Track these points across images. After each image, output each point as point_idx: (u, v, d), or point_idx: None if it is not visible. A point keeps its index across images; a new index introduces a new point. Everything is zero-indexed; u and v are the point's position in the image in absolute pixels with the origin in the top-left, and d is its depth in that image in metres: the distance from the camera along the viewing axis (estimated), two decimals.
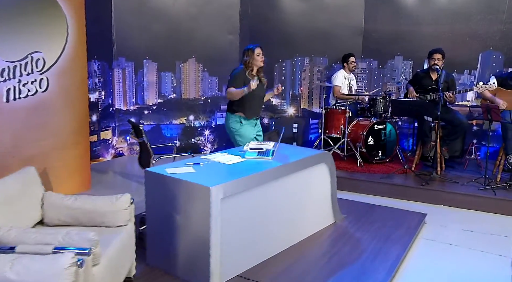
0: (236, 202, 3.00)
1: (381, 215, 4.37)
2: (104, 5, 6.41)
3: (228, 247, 2.95)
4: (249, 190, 3.11)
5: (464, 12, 6.46)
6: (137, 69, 6.79)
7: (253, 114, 4.45)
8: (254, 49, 4.32)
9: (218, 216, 2.82)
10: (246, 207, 3.11)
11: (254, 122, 4.50)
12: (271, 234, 3.37)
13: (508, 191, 4.87)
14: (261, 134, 4.62)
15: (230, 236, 2.98)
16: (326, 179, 3.92)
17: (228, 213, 2.94)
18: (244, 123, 4.38)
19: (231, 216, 2.97)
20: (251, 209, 3.16)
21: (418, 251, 3.79)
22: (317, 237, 3.80)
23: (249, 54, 4.31)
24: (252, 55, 4.31)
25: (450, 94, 5.30)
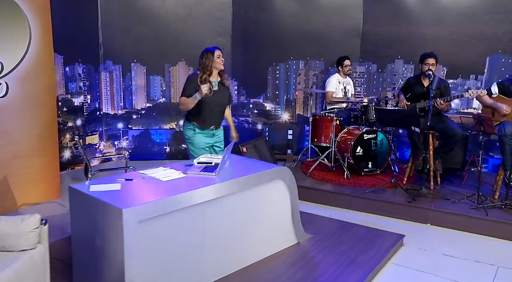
0: (163, 224, 2.73)
1: (354, 235, 4.00)
2: (90, 7, 6.25)
3: (152, 273, 2.68)
4: (182, 211, 2.82)
5: (470, 12, 5.96)
6: (124, 73, 6.62)
7: (209, 124, 4.13)
8: (214, 52, 4.02)
9: (135, 240, 2.55)
10: (176, 229, 2.83)
11: (211, 132, 4.18)
12: (210, 257, 3.07)
13: (503, 211, 4.39)
14: (220, 145, 4.28)
15: (154, 262, 2.70)
16: (284, 196, 3.58)
17: (152, 236, 2.67)
18: (198, 131, 4.09)
19: (155, 239, 2.70)
20: (184, 231, 2.88)
21: (383, 279, 3.41)
22: (271, 260, 3.47)
23: (209, 57, 4.01)
24: (212, 57, 4.01)
25: (441, 101, 4.84)
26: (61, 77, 5.97)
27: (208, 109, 4.04)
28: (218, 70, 4.08)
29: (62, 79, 5.99)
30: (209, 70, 4.00)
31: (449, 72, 6.16)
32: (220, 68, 4.06)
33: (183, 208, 2.84)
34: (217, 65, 4.03)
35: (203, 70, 3.99)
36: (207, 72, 3.99)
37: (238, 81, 6.91)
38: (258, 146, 5.97)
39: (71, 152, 6.17)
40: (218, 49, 4.07)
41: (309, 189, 5.15)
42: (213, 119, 4.13)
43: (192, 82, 3.99)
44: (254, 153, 5.80)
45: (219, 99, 4.10)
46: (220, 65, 4.05)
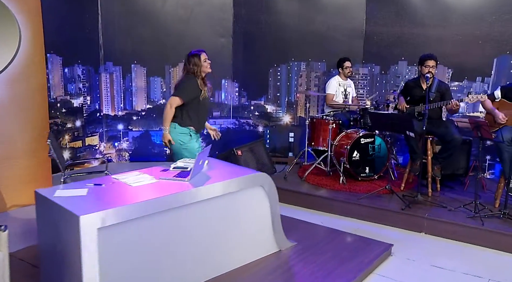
0: (129, 230, 2.67)
1: (340, 243, 3.87)
2: (91, 9, 6.26)
3: (112, 276, 2.62)
4: (150, 217, 2.76)
5: (476, 11, 5.73)
6: (125, 74, 6.61)
7: (201, 128, 4.12)
8: (200, 55, 3.95)
9: (94, 248, 2.49)
10: (144, 236, 2.77)
11: (199, 136, 4.15)
12: (183, 265, 3.00)
13: (502, 221, 4.18)
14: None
15: (119, 270, 2.64)
16: (264, 204, 3.48)
17: (116, 244, 2.61)
18: (193, 136, 4.03)
19: (120, 246, 2.64)
20: (153, 238, 2.81)
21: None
22: (248, 268, 3.37)
23: (196, 62, 3.94)
24: (199, 62, 3.93)
25: (457, 102, 4.62)
26: (60, 78, 6.00)
27: (202, 113, 4.04)
28: (205, 74, 4.00)
29: (61, 80, 6.02)
30: (199, 75, 3.94)
31: (455, 74, 5.95)
32: (207, 71, 4.00)
33: (151, 215, 2.77)
34: (205, 69, 3.97)
35: (196, 75, 3.92)
36: (200, 76, 3.93)
37: (239, 83, 6.83)
38: (255, 149, 5.87)
39: (70, 153, 6.20)
40: (204, 52, 3.99)
41: (302, 194, 5.04)
42: (203, 122, 4.15)
43: (195, 85, 3.93)
44: (250, 156, 5.72)
45: (207, 102, 4.11)
46: (207, 68, 3.98)
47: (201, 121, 4.08)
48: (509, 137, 4.28)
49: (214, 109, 6.88)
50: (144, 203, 2.71)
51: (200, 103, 3.94)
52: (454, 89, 5.96)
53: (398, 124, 4.47)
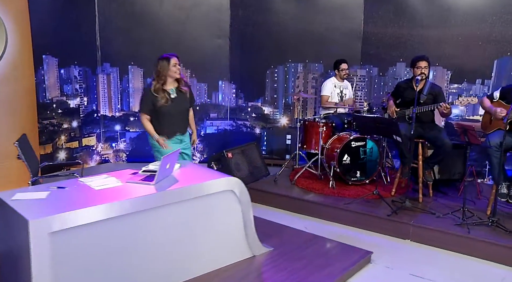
0: (86, 235, 2.64)
1: (318, 250, 3.78)
2: (88, 11, 6.31)
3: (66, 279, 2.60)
4: (109, 221, 2.73)
5: (477, 12, 5.55)
6: (122, 75, 6.63)
7: (173, 133, 4.05)
8: (170, 59, 3.90)
9: (45, 253, 2.48)
10: (103, 241, 2.74)
11: (178, 139, 4.08)
12: (143, 270, 2.96)
13: (490, 229, 4.02)
14: (188, 152, 4.18)
15: (73, 276, 2.62)
16: (235, 208, 3.41)
17: (70, 249, 2.59)
18: (166, 141, 3.99)
19: (76, 251, 2.61)
20: (113, 243, 2.79)
21: None
22: (217, 274, 3.31)
23: (164, 65, 3.90)
24: (167, 66, 3.89)
25: (446, 105, 4.48)
26: (56, 79, 6.06)
27: (170, 118, 3.96)
28: (174, 78, 3.95)
29: (57, 81, 6.08)
30: (162, 79, 3.89)
31: (454, 76, 5.78)
32: (175, 76, 3.94)
33: (112, 218, 2.75)
34: (172, 73, 3.91)
35: (157, 78, 3.89)
36: (160, 81, 3.88)
37: (236, 84, 6.78)
38: (247, 151, 5.80)
39: (66, 154, 6.26)
40: (175, 56, 3.95)
41: (289, 198, 4.96)
42: (175, 126, 4.06)
43: (147, 97, 3.90)
44: (242, 159, 5.65)
45: (178, 107, 4.01)
46: (175, 74, 3.92)
47: (172, 126, 4.01)
48: (496, 142, 4.11)
49: (211, 110, 6.85)
50: (99, 207, 2.68)
51: (160, 110, 3.88)
52: (453, 92, 5.80)
53: (384, 128, 4.35)
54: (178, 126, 4.06)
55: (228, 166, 5.43)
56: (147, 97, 3.90)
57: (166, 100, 3.84)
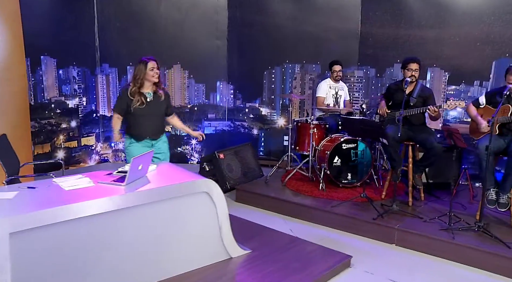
0: (50, 235, 2.66)
1: (297, 253, 3.74)
2: (87, 12, 6.39)
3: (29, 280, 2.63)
4: (76, 221, 2.75)
5: (475, 12, 5.44)
6: (121, 76, 6.70)
7: (144, 136, 3.99)
8: (147, 63, 3.89)
9: (6, 253, 2.50)
10: (69, 241, 2.76)
11: (149, 143, 4.05)
12: (112, 271, 2.97)
13: (476, 235, 3.92)
14: (160, 157, 4.10)
15: (36, 277, 2.64)
16: (210, 210, 3.41)
17: (34, 249, 2.61)
18: (133, 142, 3.99)
19: (39, 252, 2.64)
20: (80, 243, 2.80)
21: None
22: (189, 276, 3.30)
23: (141, 68, 3.87)
24: (144, 69, 3.87)
25: (435, 109, 4.40)
26: (54, 80, 6.15)
27: (142, 121, 3.92)
28: (151, 82, 3.94)
29: (56, 81, 6.17)
30: (139, 83, 3.87)
31: (452, 78, 5.67)
32: (152, 80, 3.89)
33: (79, 219, 2.77)
34: (149, 77, 3.87)
35: (134, 81, 3.87)
36: (137, 84, 3.86)
37: (234, 85, 6.78)
38: (240, 152, 5.80)
39: (65, 153, 6.35)
40: (153, 60, 3.92)
41: (278, 200, 4.94)
42: (147, 130, 3.98)
43: (122, 98, 3.89)
44: (234, 160, 5.66)
45: (153, 111, 3.94)
46: (153, 78, 3.87)
47: (143, 129, 3.96)
48: (485, 146, 4.01)
49: (209, 111, 6.87)
50: (64, 207, 2.70)
51: (136, 111, 3.87)
52: (451, 93, 5.69)
53: (370, 130, 4.29)
54: (150, 130, 3.99)
55: (219, 167, 5.44)
56: (122, 98, 3.88)
57: (141, 103, 3.83)
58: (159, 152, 4.09)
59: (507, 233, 3.99)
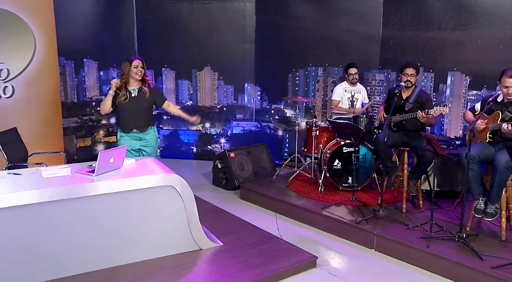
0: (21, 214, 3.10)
1: (265, 249, 3.89)
2: (127, 19, 6.97)
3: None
4: (45, 205, 3.16)
5: (497, 13, 5.15)
6: (156, 77, 7.21)
7: (130, 128, 4.31)
8: (132, 61, 4.23)
9: None
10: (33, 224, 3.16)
11: (136, 135, 4.37)
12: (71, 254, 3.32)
13: (454, 245, 3.79)
14: (148, 150, 4.39)
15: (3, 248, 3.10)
16: (177, 203, 3.67)
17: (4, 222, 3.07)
18: (123, 135, 4.34)
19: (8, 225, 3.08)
20: (43, 227, 3.19)
21: None
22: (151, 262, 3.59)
23: (126, 66, 4.22)
24: (129, 67, 4.22)
25: (423, 114, 4.31)
26: (96, 80, 6.81)
27: (127, 114, 4.26)
28: (136, 79, 4.27)
29: (97, 82, 6.82)
30: (124, 79, 4.22)
31: (472, 82, 5.41)
32: (136, 78, 4.22)
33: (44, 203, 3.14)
34: (133, 74, 4.21)
35: (120, 77, 4.23)
36: (123, 80, 4.22)
37: (261, 87, 6.99)
38: (254, 152, 6.02)
39: (104, 147, 6.99)
40: (139, 59, 4.26)
41: (272, 199, 5.09)
42: (133, 123, 4.30)
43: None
44: (246, 159, 5.89)
45: (137, 105, 4.26)
46: (136, 75, 4.20)
47: (129, 121, 4.29)
48: (472, 154, 3.84)
49: (237, 111, 7.14)
50: (30, 191, 3.12)
51: (120, 105, 4.22)
52: (471, 99, 5.43)
53: (353, 133, 4.30)
54: (135, 123, 4.30)
55: (229, 165, 5.70)
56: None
57: (125, 98, 4.18)
58: (147, 145, 4.41)
59: (492, 245, 3.83)
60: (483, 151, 3.89)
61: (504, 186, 3.82)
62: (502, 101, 4.01)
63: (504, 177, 3.75)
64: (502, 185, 3.80)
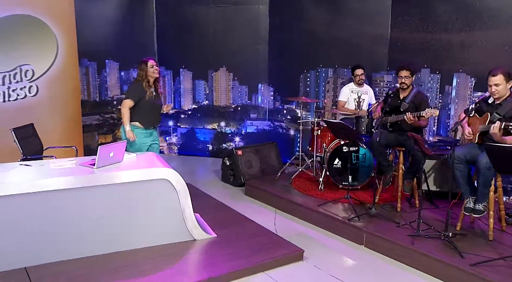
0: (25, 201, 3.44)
1: (256, 242, 4.08)
2: (147, 22, 7.33)
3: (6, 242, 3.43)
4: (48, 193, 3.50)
5: (502, 14, 5.14)
6: (174, 77, 7.54)
7: (151, 124, 4.68)
8: (147, 62, 4.53)
9: None
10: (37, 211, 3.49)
11: (150, 132, 4.70)
12: (75, 237, 3.65)
13: (440, 243, 3.87)
14: (157, 142, 4.80)
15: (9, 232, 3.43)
16: (172, 195, 3.93)
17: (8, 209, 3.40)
18: (138, 132, 4.63)
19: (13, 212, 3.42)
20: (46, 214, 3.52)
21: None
22: (145, 250, 3.86)
23: (143, 68, 4.53)
24: (146, 68, 4.53)
25: (411, 116, 4.41)
26: (117, 80, 7.20)
27: (152, 110, 4.64)
28: (153, 78, 4.58)
29: (118, 82, 7.22)
30: (146, 79, 4.54)
31: (478, 84, 5.41)
32: (154, 76, 4.56)
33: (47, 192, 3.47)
34: (151, 74, 4.54)
35: (142, 78, 4.54)
36: (145, 79, 4.54)
37: (274, 87, 7.19)
38: (262, 150, 6.22)
39: None
40: (152, 59, 4.58)
41: (274, 196, 5.28)
42: (154, 119, 4.73)
43: (139, 88, 4.53)
44: (253, 157, 6.10)
45: (156, 103, 4.68)
46: (154, 74, 4.55)
47: (151, 117, 4.66)
48: (458, 154, 3.92)
49: (251, 111, 7.37)
50: (35, 181, 3.46)
51: (146, 102, 4.53)
52: (476, 101, 5.42)
53: (345, 133, 4.44)
54: (155, 119, 4.75)
55: (236, 162, 5.93)
56: (139, 88, 4.53)
57: (152, 95, 4.53)
58: (155, 141, 4.79)
59: (478, 245, 3.89)
60: (470, 152, 3.96)
61: (488, 185, 3.88)
62: (493, 103, 4.05)
63: (486, 177, 3.80)
64: (486, 184, 3.85)
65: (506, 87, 3.91)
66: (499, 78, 3.88)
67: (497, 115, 3.95)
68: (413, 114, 4.36)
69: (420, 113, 4.32)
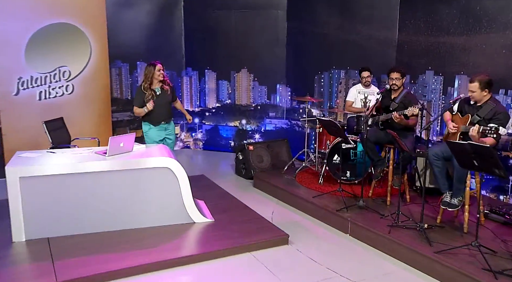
0: (50, 184, 4.10)
1: (247, 226, 4.55)
2: (177, 27, 7.96)
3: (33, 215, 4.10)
4: (67, 176, 4.14)
5: (500, 18, 5.30)
6: (200, 77, 8.11)
7: (159, 121, 5.20)
8: (155, 65, 5.07)
9: (16, 188, 4.00)
10: (63, 191, 4.16)
11: (163, 127, 5.24)
12: (93, 217, 4.28)
13: (415, 233, 4.17)
14: (171, 137, 5.33)
15: (35, 206, 4.10)
16: (173, 181, 4.46)
17: (35, 187, 4.06)
18: (152, 127, 5.21)
19: (39, 190, 4.08)
20: (71, 191, 4.18)
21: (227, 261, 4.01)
22: (149, 229, 4.41)
23: (150, 70, 5.07)
24: (153, 71, 5.07)
25: (397, 115, 4.72)
26: None
27: (156, 109, 5.13)
28: (157, 81, 5.12)
29: None
30: (149, 80, 5.09)
31: None
32: (159, 79, 5.09)
33: (68, 174, 4.13)
34: (157, 76, 5.07)
35: (145, 80, 5.10)
36: (148, 81, 5.09)
37: (291, 88, 7.60)
38: (273, 146, 6.66)
39: None
40: (160, 63, 5.11)
41: (277, 188, 5.71)
42: (162, 116, 5.22)
43: (138, 94, 5.11)
44: (265, 152, 6.55)
45: (163, 101, 5.18)
46: (159, 77, 5.08)
47: (158, 115, 5.17)
48: (435, 151, 4.19)
49: (270, 110, 7.82)
50: (56, 164, 4.10)
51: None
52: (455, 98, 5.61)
53: (335, 130, 4.79)
54: (163, 116, 5.23)
55: (247, 156, 6.41)
56: (139, 94, 5.13)
57: (152, 96, 5.07)
58: (170, 134, 5.34)
59: (451, 236, 4.16)
60: (447, 149, 4.19)
61: (463, 181, 4.13)
62: (475, 104, 4.28)
63: (461, 173, 4.06)
64: (461, 180, 4.11)
65: (481, 94, 4.13)
66: (474, 85, 4.13)
67: (477, 117, 4.18)
68: (398, 112, 4.66)
69: (403, 112, 4.61)
